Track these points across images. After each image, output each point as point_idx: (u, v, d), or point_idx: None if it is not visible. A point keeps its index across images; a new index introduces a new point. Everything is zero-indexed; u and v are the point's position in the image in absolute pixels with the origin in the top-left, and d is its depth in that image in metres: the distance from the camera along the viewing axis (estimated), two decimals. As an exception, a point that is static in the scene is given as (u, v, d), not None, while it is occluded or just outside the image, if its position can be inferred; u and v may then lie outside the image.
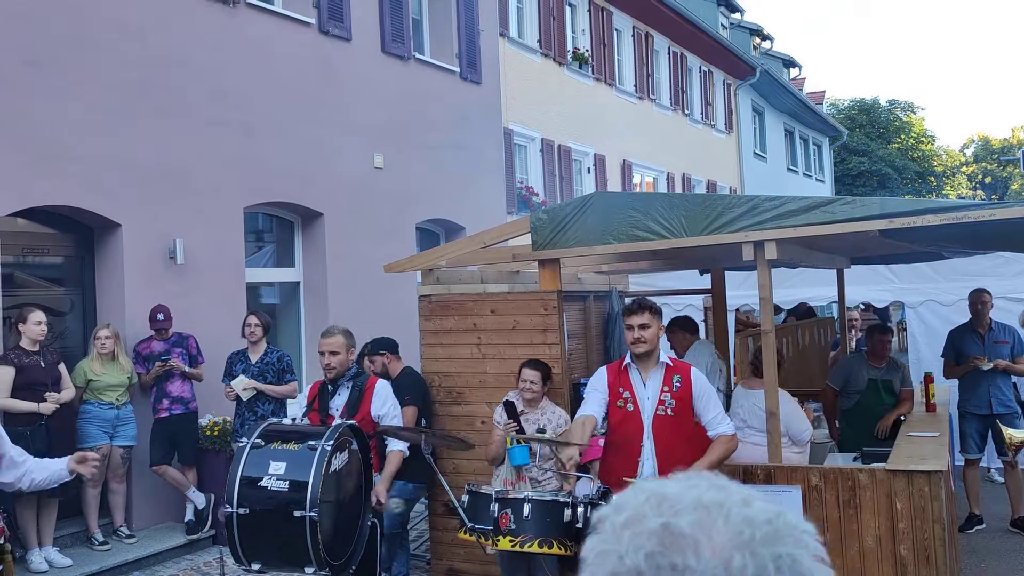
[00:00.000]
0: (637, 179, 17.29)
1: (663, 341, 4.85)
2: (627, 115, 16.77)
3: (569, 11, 15.38)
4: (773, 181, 23.69)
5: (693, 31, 19.08)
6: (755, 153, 23.46)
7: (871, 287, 8.95)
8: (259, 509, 4.15)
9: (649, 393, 4.43)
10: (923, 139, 41.46)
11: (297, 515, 4.06)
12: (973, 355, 6.96)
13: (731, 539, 0.79)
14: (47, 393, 6.32)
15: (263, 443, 4.28)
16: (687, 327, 6.62)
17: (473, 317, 5.76)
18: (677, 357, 5.68)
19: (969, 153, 55.49)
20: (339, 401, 5.00)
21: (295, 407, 6.85)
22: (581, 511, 4.10)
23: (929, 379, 6.73)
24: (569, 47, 15.12)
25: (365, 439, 4.64)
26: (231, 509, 4.15)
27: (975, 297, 7.11)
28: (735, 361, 7.27)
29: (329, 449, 4.18)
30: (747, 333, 7.28)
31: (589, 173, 15.37)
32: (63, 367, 6.63)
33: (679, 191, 17.99)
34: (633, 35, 17.38)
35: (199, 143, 8.18)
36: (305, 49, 9.46)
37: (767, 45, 27.82)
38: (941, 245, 6.23)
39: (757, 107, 23.94)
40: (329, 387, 5.04)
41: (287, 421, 5.58)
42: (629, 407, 4.44)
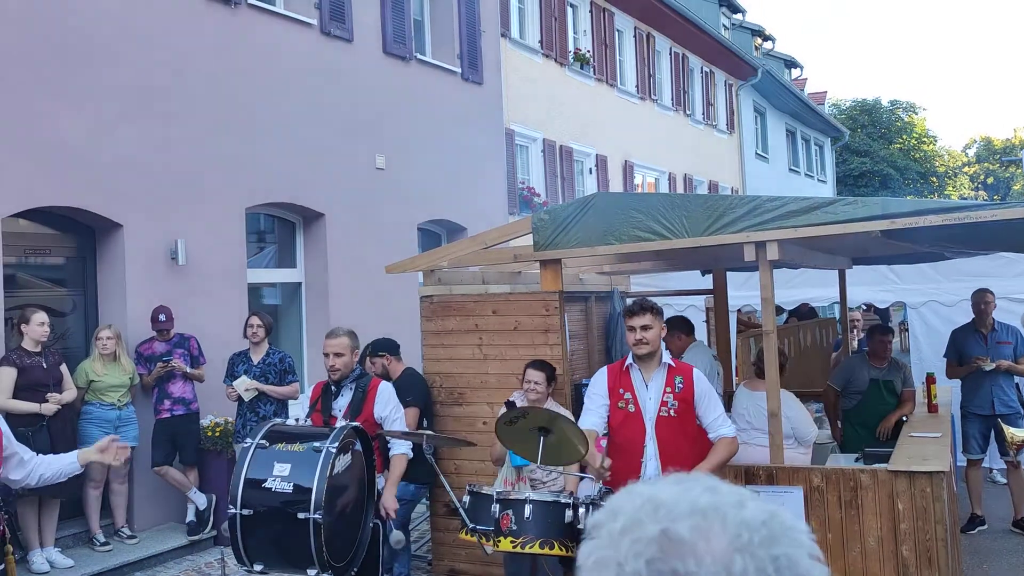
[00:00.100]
0: (639, 180, 17.28)
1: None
2: (629, 116, 16.76)
3: (570, 12, 15.37)
4: (775, 182, 23.67)
5: (695, 32, 19.07)
6: (757, 154, 23.43)
7: (873, 288, 8.95)
8: (263, 510, 4.14)
9: (651, 394, 4.43)
10: (925, 139, 41.41)
11: (301, 517, 4.06)
12: (976, 355, 6.95)
13: (730, 542, 0.79)
14: (49, 394, 6.32)
15: (267, 444, 4.27)
16: (682, 328, 6.50)
17: (475, 318, 5.76)
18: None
19: (971, 153, 55.41)
20: (342, 402, 4.99)
21: (296, 408, 6.86)
22: (582, 512, 4.09)
23: (931, 379, 6.72)
24: (570, 48, 15.11)
25: (369, 440, 4.63)
26: (235, 510, 4.14)
27: (978, 297, 7.09)
28: (737, 362, 7.27)
29: (334, 451, 4.17)
30: (749, 334, 7.28)
31: (591, 173, 15.35)
32: (65, 368, 6.64)
33: (681, 192, 17.97)
34: (634, 35, 17.37)
35: (201, 144, 8.19)
36: (307, 50, 9.46)
37: (769, 45, 27.84)
38: (943, 245, 6.22)
39: (759, 107, 23.92)
40: (332, 388, 5.03)
41: (290, 422, 5.56)
42: (631, 408, 4.43)
